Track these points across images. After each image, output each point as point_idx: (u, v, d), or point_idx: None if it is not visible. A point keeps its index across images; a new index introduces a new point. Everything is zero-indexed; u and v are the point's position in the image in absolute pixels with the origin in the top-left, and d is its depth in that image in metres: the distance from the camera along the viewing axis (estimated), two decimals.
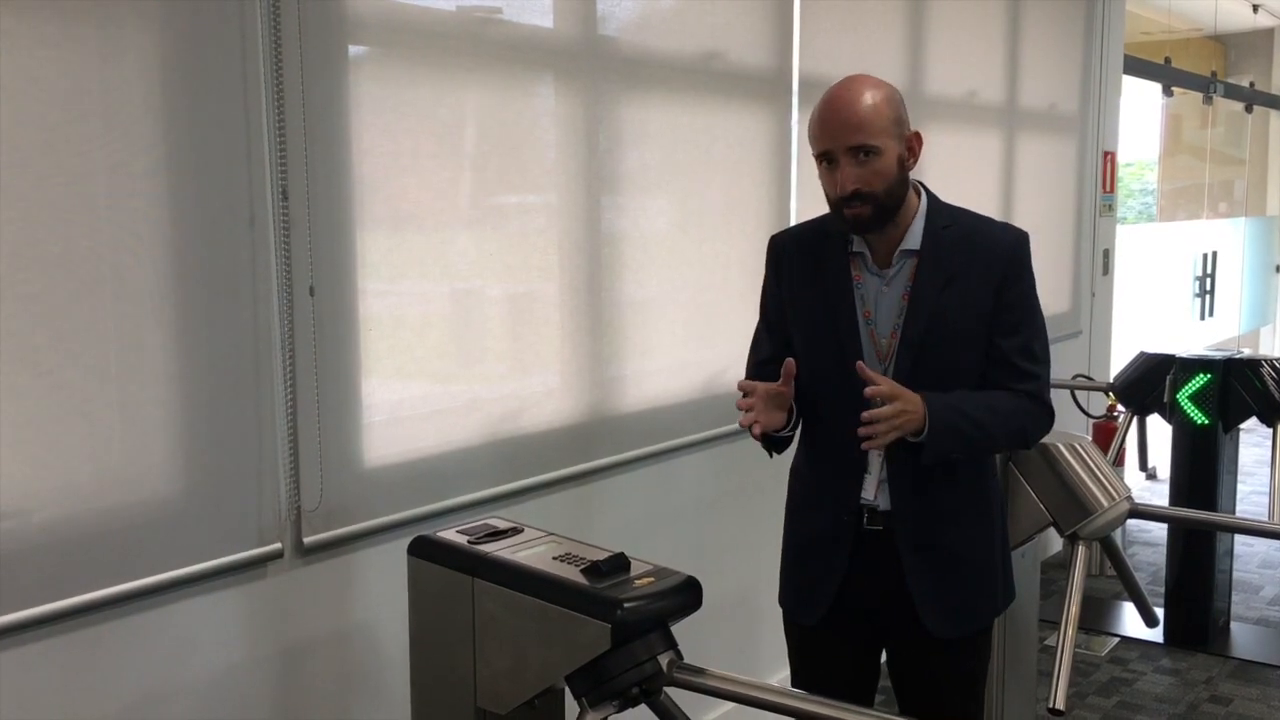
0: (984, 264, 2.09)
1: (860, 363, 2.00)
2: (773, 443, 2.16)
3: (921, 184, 2.15)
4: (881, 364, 2.10)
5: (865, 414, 1.97)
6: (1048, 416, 2.16)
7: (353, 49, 2.32)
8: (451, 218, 2.58)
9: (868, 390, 1.97)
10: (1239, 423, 4.41)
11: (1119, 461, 4.93)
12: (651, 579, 1.86)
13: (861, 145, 1.98)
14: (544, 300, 2.80)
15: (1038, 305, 2.16)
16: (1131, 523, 5.32)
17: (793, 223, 3.53)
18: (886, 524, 2.13)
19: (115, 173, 1.95)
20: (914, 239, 2.10)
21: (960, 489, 2.15)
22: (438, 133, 2.53)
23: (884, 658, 2.29)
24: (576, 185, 2.84)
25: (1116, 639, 4.50)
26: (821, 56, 3.61)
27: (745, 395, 2.04)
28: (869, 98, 1.99)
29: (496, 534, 2.05)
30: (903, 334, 2.08)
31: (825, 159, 2.04)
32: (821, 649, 2.25)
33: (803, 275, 2.18)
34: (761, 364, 2.25)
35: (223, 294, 2.11)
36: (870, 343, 2.11)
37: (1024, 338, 2.11)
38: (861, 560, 2.16)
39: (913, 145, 2.05)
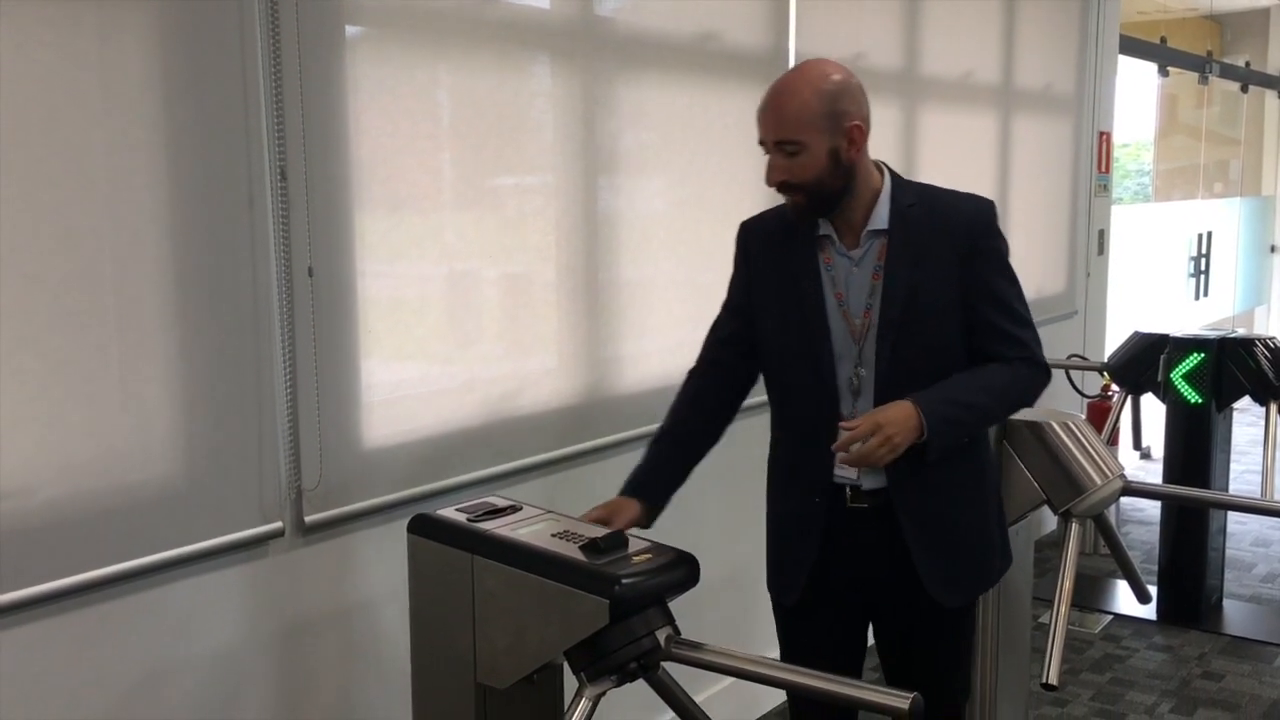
0: (952, 236, 2.11)
1: (842, 423, 2.05)
2: None
3: (884, 164, 2.16)
4: (856, 344, 2.11)
5: (840, 442, 2.02)
6: (1044, 374, 2.17)
7: (350, 29, 2.32)
8: (449, 199, 2.58)
9: (839, 442, 2.02)
10: (1232, 402, 4.43)
11: (1113, 441, 4.96)
12: (649, 556, 1.88)
13: (785, 140, 2.03)
14: (541, 281, 2.81)
15: (1012, 270, 2.16)
16: (1125, 501, 5.36)
17: None
18: (874, 501, 2.14)
19: (114, 153, 1.95)
20: (880, 219, 2.11)
21: (956, 461, 2.16)
22: (435, 114, 2.53)
23: (871, 637, 2.31)
24: (573, 166, 2.84)
25: (1110, 616, 4.53)
26: (817, 36, 3.61)
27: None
28: (800, 94, 2.02)
29: (495, 512, 2.06)
30: (880, 314, 2.09)
31: (763, 147, 2.09)
32: (804, 629, 2.27)
33: (771, 260, 2.21)
34: (720, 342, 2.30)
35: (222, 274, 2.12)
36: (843, 323, 2.12)
37: (1004, 301, 2.13)
38: (849, 539, 2.17)
39: (854, 136, 2.04)
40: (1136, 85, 7.53)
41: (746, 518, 3.49)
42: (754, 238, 2.26)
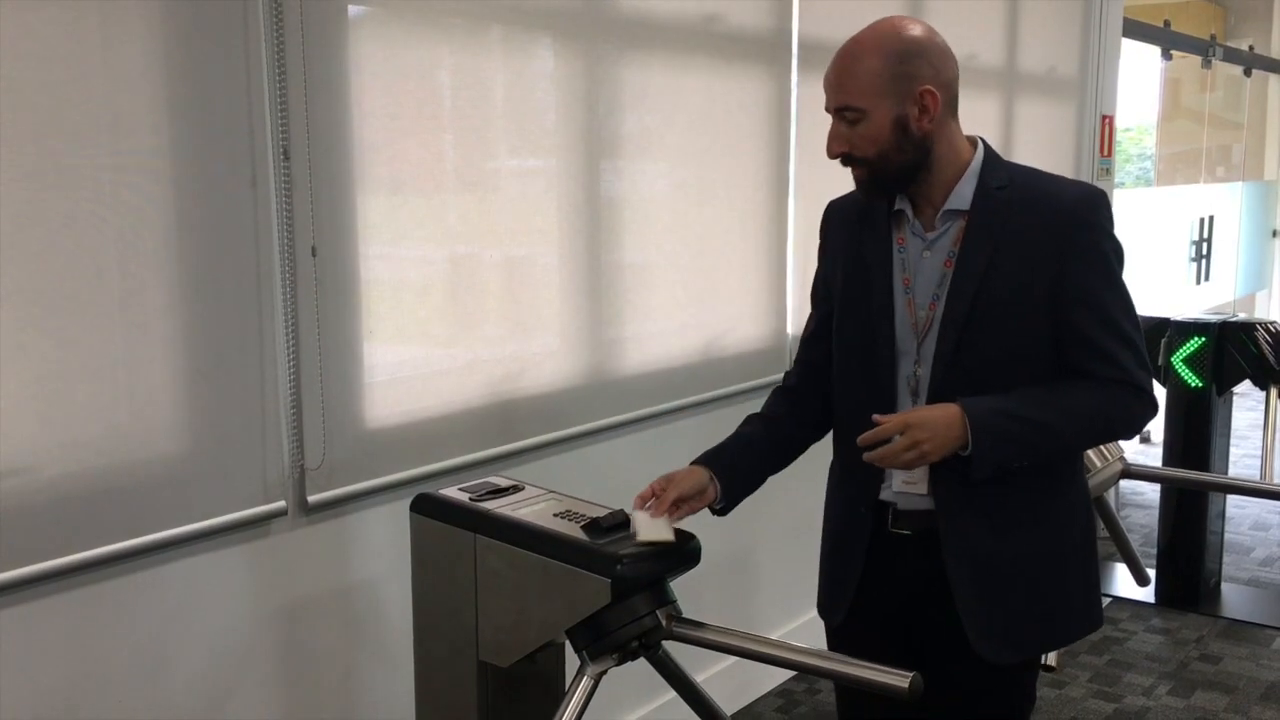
0: (1042, 228, 1.83)
1: (875, 416, 1.82)
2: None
3: (980, 138, 1.93)
4: (916, 337, 1.89)
5: (863, 436, 1.81)
6: (1144, 402, 1.85)
7: (353, 9, 2.32)
8: (451, 181, 2.59)
9: (867, 435, 1.80)
10: (1232, 386, 4.44)
11: None
12: None
13: (845, 106, 1.83)
14: (544, 263, 2.81)
15: (1118, 274, 1.86)
16: (1125, 484, 5.37)
17: (792, 186, 3.55)
18: (917, 528, 1.91)
19: (117, 131, 1.96)
20: (961, 199, 1.87)
21: (1017, 492, 1.88)
22: (437, 95, 2.53)
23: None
24: (576, 148, 2.84)
25: (1108, 598, 4.55)
26: (821, 18, 3.60)
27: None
28: (864, 54, 1.82)
29: (498, 491, 2.07)
30: (945, 309, 1.85)
31: (829, 113, 1.89)
32: (849, 650, 1.95)
33: (846, 241, 2.01)
34: (807, 341, 2.12)
35: (226, 254, 2.13)
36: (906, 313, 1.89)
37: (1101, 310, 1.83)
38: (888, 567, 1.96)
39: (926, 103, 1.81)
40: (1139, 69, 7.51)
41: (749, 500, 3.50)
42: (833, 219, 2.07)
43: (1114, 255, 1.86)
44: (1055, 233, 1.83)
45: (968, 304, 1.84)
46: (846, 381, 2.01)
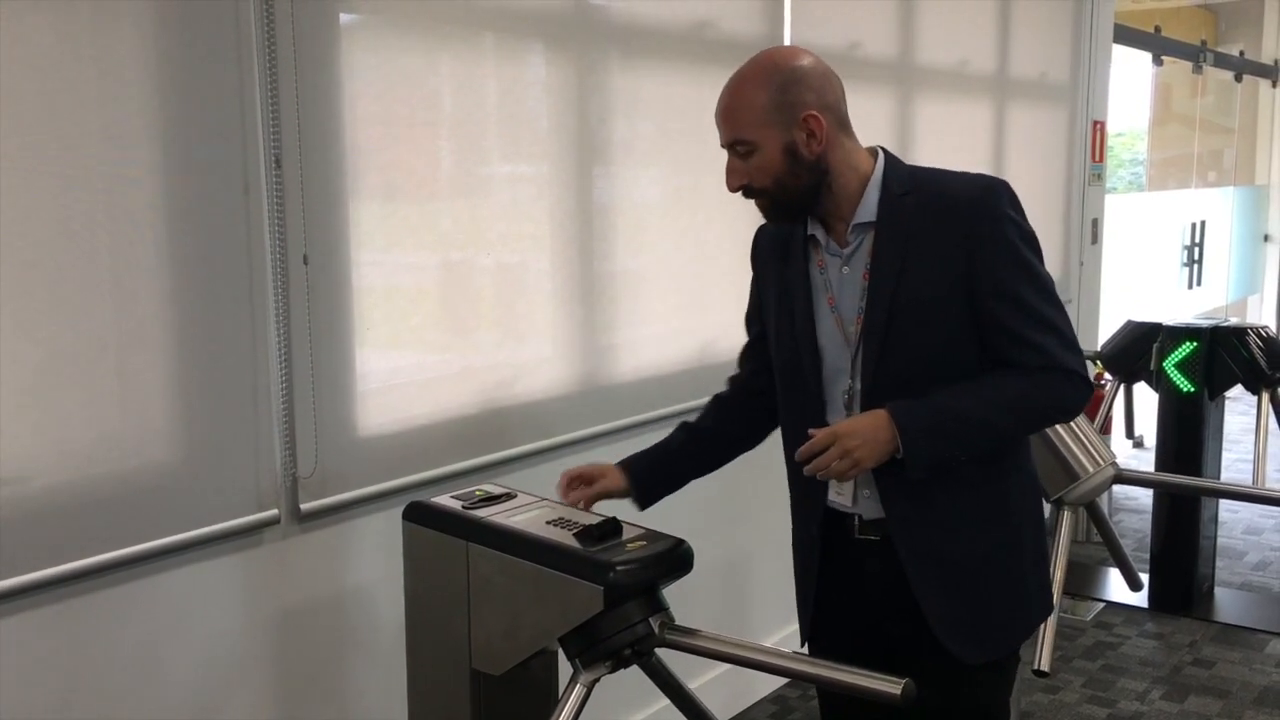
0: (947, 226, 1.84)
1: (810, 430, 1.84)
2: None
3: (881, 149, 1.94)
4: (849, 351, 1.91)
5: (799, 451, 1.84)
6: (1075, 383, 1.86)
7: (344, 17, 2.32)
8: (444, 187, 2.59)
9: (802, 450, 1.83)
10: (1224, 390, 4.44)
11: (1106, 429, 4.98)
12: (643, 543, 1.89)
13: (736, 140, 1.86)
14: (536, 270, 2.81)
15: (1031, 259, 1.87)
16: (1117, 490, 5.38)
17: None
18: (882, 533, 1.92)
19: (110, 139, 1.95)
20: (868, 210, 1.88)
21: (966, 489, 1.90)
22: (430, 101, 2.53)
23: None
24: (568, 155, 2.85)
25: (1101, 604, 4.55)
26: (813, 24, 3.61)
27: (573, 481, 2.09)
28: (744, 89, 1.85)
29: (491, 499, 2.07)
30: (866, 319, 1.87)
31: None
32: (826, 659, 1.98)
33: (772, 268, 2.04)
34: (742, 356, 2.20)
35: (218, 262, 2.12)
36: (836, 331, 1.92)
37: (1017, 299, 1.84)
38: (853, 576, 1.98)
39: (812, 127, 1.82)
40: (1131, 74, 7.53)
41: (742, 506, 3.51)
42: (761, 246, 2.10)
43: (1022, 241, 1.86)
44: (959, 228, 1.84)
45: (885, 311, 1.86)
46: (786, 405, 2.04)
